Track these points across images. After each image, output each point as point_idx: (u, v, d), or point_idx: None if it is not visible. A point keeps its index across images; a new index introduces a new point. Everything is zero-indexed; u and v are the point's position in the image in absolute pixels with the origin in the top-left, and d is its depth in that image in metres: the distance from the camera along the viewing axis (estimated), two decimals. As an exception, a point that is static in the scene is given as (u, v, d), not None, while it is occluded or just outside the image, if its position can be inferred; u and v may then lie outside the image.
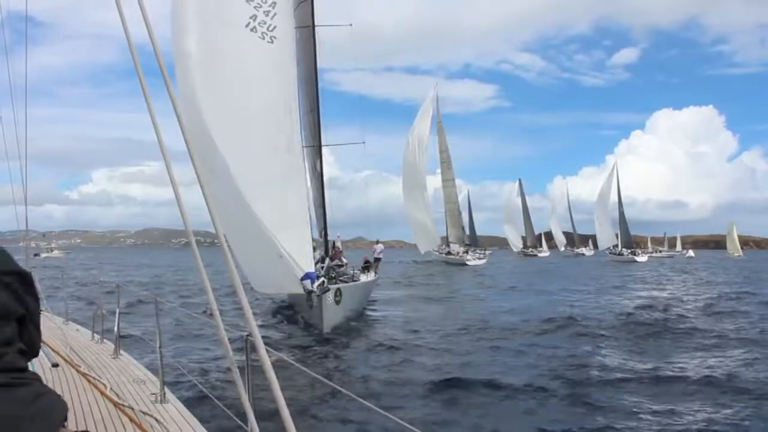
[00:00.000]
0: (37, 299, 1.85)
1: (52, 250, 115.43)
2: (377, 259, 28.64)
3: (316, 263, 17.58)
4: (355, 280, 21.41)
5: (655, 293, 30.03)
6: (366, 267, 24.59)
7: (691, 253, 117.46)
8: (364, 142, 27.55)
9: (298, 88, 17.62)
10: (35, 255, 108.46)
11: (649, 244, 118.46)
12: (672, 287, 34.87)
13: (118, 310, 7.43)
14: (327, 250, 23.17)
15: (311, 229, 18.14)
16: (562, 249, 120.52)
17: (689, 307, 23.19)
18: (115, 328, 7.34)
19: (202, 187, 2.58)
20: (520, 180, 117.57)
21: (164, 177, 2.76)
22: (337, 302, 16.89)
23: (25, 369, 1.71)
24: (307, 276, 14.34)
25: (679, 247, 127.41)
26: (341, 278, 20.48)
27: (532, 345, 14.24)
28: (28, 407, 1.58)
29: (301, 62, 21.52)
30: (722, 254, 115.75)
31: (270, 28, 13.97)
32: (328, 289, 16.09)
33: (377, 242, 31.30)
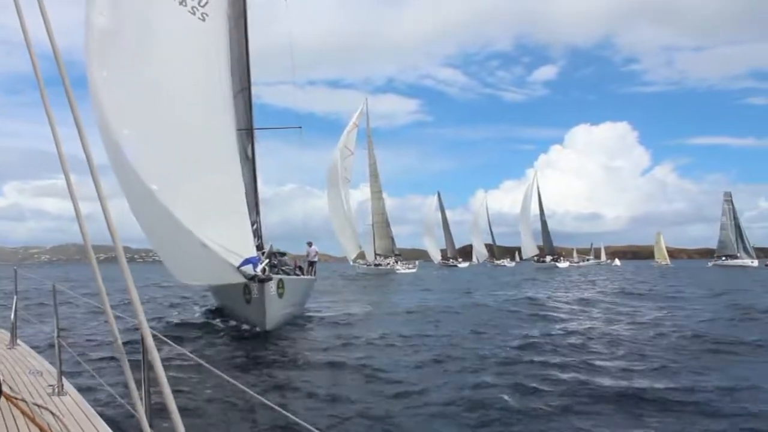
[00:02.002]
0: None
1: None
2: (312, 263, 25.81)
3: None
4: (297, 275, 19.52)
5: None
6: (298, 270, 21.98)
7: (617, 262, 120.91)
8: (300, 127, 26.54)
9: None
10: None
11: (575, 254, 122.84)
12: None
13: (15, 297, 7.03)
14: (261, 236, 20.72)
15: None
16: (482, 261, 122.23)
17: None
18: (12, 316, 6.92)
19: (99, 195, 2.57)
20: (438, 193, 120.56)
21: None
22: (280, 295, 14.81)
23: None
24: (247, 261, 12.79)
25: (603, 257, 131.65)
26: (283, 269, 18.42)
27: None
28: None
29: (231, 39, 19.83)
30: (648, 263, 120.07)
31: (201, 3, 12.83)
32: (270, 278, 14.15)
33: (310, 244, 27.23)
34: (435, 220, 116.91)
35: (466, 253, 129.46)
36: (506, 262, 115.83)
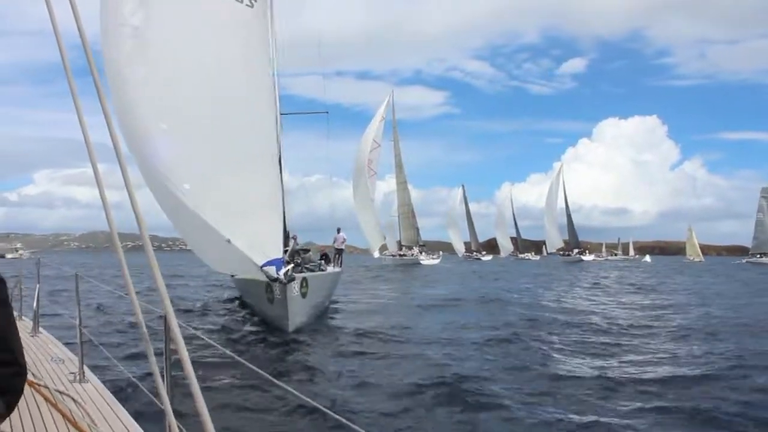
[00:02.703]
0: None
1: (17, 251, 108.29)
2: (339, 251, 25.29)
3: None
4: (322, 270, 18.74)
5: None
6: (323, 260, 21.22)
7: (647, 258, 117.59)
8: (327, 112, 26.41)
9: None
10: (0, 257, 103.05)
11: (604, 249, 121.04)
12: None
13: (38, 286, 7.14)
14: (285, 228, 19.18)
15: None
16: (506, 255, 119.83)
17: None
18: (34, 305, 7.03)
19: (126, 183, 2.57)
20: (463, 186, 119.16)
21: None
22: (303, 295, 14.11)
23: None
24: (271, 262, 12.21)
25: (632, 252, 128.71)
26: (307, 266, 17.62)
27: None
28: None
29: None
30: (677, 259, 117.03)
31: None
32: (293, 278, 13.42)
33: (338, 231, 26.49)
34: (460, 212, 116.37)
35: (491, 246, 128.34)
36: (530, 256, 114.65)
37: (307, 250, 20.23)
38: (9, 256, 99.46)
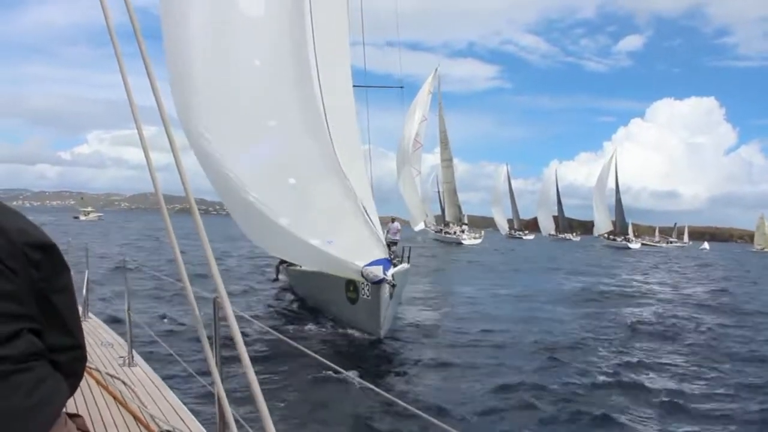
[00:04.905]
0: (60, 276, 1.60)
1: (88, 213, 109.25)
2: (393, 243, 20.78)
3: None
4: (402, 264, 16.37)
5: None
6: None
7: (705, 245, 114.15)
8: (402, 87, 26.03)
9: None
10: (75, 218, 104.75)
11: (657, 234, 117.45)
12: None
13: (87, 271, 7.24)
14: None
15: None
16: (547, 235, 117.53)
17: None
18: (83, 290, 7.13)
19: (172, 146, 2.42)
20: (507, 165, 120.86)
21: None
22: (391, 295, 11.76)
23: (36, 353, 1.48)
24: (377, 262, 10.62)
25: (686, 238, 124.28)
26: (393, 261, 14.78)
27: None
28: (30, 397, 1.43)
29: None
30: (730, 247, 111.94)
31: None
32: (394, 283, 11.53)
33: (393, 220, 24.03)
34: (504, 190, 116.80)
35: (536, 224, 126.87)
36: (571, 237, 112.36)
37: (394, 243, 18.84)
38: (83, 218, 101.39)
